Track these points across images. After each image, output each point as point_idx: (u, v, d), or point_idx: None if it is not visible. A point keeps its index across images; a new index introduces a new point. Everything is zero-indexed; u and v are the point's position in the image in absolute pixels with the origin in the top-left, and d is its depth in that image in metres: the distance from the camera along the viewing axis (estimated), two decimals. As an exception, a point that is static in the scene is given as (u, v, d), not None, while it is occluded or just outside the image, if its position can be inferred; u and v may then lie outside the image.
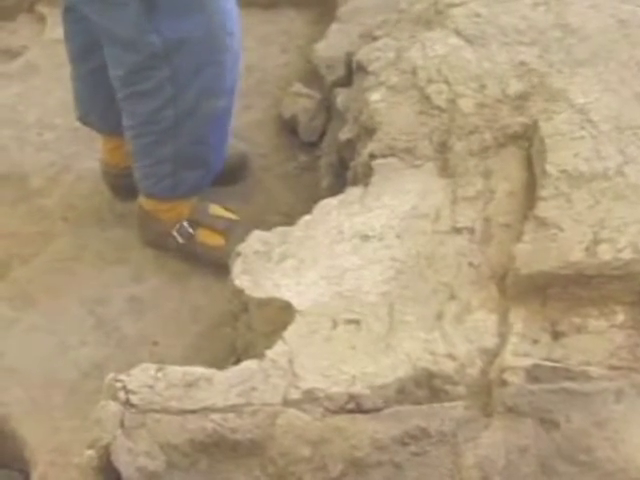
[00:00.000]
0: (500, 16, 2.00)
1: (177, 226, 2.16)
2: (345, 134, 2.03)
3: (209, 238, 2.13)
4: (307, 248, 1.65)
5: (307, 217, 1.72)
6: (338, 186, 1.99)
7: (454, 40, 1.97)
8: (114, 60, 1.98)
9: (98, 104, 2.20)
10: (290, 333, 1.50)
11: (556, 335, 1.44)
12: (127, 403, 1.41)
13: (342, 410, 1.39)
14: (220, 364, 1.59)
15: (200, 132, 2.03)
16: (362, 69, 2.04)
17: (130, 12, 1.86)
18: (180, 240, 2.16)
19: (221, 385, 1.43)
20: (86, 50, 2.12)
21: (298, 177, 2.34)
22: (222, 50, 1.95)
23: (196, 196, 2.17)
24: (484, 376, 1.40)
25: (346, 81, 2.24)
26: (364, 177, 1.81)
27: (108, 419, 1.40)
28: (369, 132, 1.87)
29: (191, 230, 2.16)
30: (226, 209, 2.20)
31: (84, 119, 2.27)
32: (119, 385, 1.43)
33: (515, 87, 1.84)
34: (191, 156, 2.07)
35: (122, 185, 2.28)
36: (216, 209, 2.19)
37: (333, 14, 2.56)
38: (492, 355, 1.43)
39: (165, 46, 1.89)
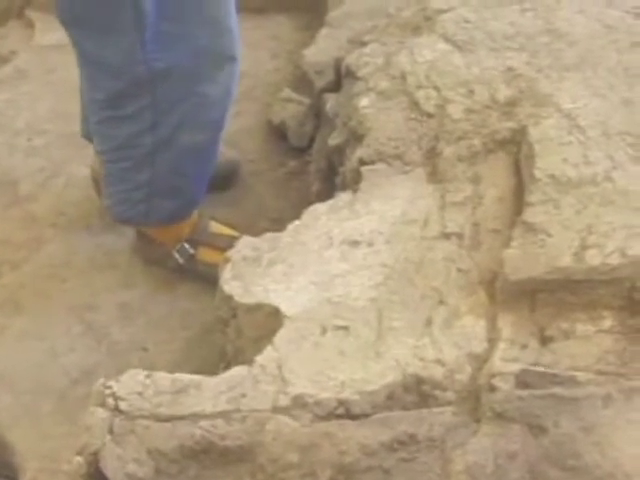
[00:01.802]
0: (488, 22, 2.00)
1: (177, 246, 2.14)
2: (334, 140, 2.03)
3: (210, 256, 2.09)
4: (296, 254, 1.65)
5: (296, 223, 1.72)
6: (327, 192, 1.99)
7: (443, 46, 1.97)
8: (94, 84, 1.95)
9: None
10: (279, 339, 1.50)
11: (544, 340, 1.44)
12: (116, 409, 1.41)
13: (331, 416, 1.39)
14: (210, 370, 1.59)
15: (178, 163, 2.01)
16: (351, 74, 2.05)
17: (124, 41, 1.83)
18: (180, 260, 2.15)
19: (210, 391, 1.43)
20: None
21: (287, 183, 2.35)
22: (207, 82, 1.92)
23: (194, 213, 2.15)
24: (473, 382, 1.41)
25: (335, 86, 2.24)
26: (353, 183, 1.81)
27: (97, 425, 1.39)
28: (358, 138, 1.87)
29: (192, 250, 2.14)
30: (227, 225, 2.19)
31: (89, 136, 2.26)
32: (108, 391, 1.43)
33: (504, 92, 1.84)
34: (167, 185, 2.04)
35: None
36: (217, 226, 2.18)
37: (322, 19, 2.57)
38: (481, 361, 1.43)
39: (151, 75, 1.87)
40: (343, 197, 1.76)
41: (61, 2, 1.85)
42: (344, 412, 1.39)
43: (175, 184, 2.05)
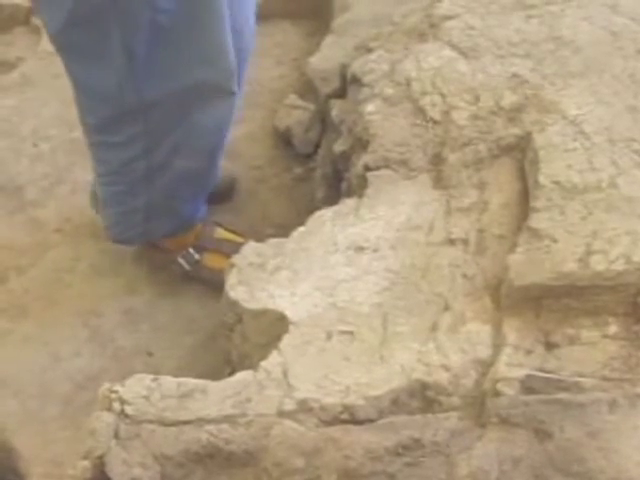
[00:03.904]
0: (494, 29, 2.01)
1: (182, 253, 2.14)
2: (340, 146, 2.04)
3: (215, 262, 2.09)
4: (301, 259, 1.65)
5: (301, 229, 1.72)
6: (333, 197, 1.99)
7: (448, 52, 1.97)
8: (86, 109, 1.92)
9: None
10: (284, 344, 1.50)
11: (550, 346, 1.44)
12: (122, 414, 1.41)
13: (336, 421, 1.39)
14: (215, 375, 1.59)
15: (173, 187, 2.01)
16: (357, 81, 2.05)
17: (113, 69, 1.81)
18: (186, 267, 2.15)
19: (216, 396, 1.43)
20: None
21: (293, 189, 2.35)
22: (200, 113, 1.91)
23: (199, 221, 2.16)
24: (478, 387, 1.41)
25: (341, 93, 2.24)
26: (359, 188, 1.81)
27: (102, 430, 1.40)
28: (363, 144, 1.88)
29: (197, 256, 2.14)
30: (232, 231, 2.19)
31: None
32: (114, 396, 1.43)
33: (509, 99, 1.84)
34: (163, 208, 2.05)
35: None
36: (222, 232, 2.18)
37: (328, 26, 2.57)
38: (486, 366, 1.43)
39: (141, 104, 1.85)
40: (348, 203, 1.77)
41: (51, 28, 1.82)
42: (349, 417, 1.40)
43: (171, 206, 2.06)
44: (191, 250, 2.14)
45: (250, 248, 1.71)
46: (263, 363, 1.47)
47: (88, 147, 2.02)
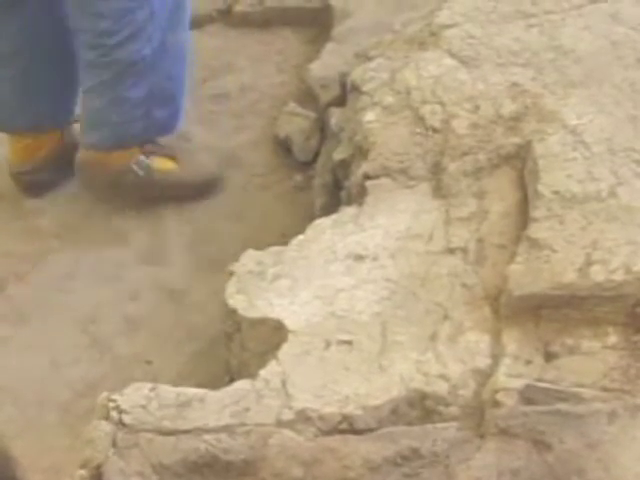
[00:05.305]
0: (494, 37, 2.01)
1: (135, 159, 2.23)
2: (339, 154, 2.04)
3: (163, 164, 2.25)
4: (301, 268, 1.65)
5: (301, 237, 1.73)
6: (332, 206, 1.99)
7: (448, 61, 1.98)
8: (98, 14, 2.05)
9: (12, 103, 2.25)
10: (283, 353, 1.50)
11: (549, 356, 1.44)
12: (120, 423, 1.41)
13: (335, 430, 1.39)
14: (215, 384, 1.59)
15: (170, 67, 2.15)
16: (356, 89, 2.05)
17: None
18: (140, 173, 2.23)
19: (214, 405, 1.43)
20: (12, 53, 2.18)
21: (293, 197, 2.35)
22: None
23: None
24: (477, 397, 1.41)
25: (341, 101, 2.24)
26: (358, 197, 1.81)
27: (100, 439, 1.39)
28: (363, 152, 1.88)
29: (147, 161, 2.24)
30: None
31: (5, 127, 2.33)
32: (112, 405, 1.43)
33: (509, 108, 1.84)
34: (163, 93, 2.17)
35: (34, 182, 2.35)
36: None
37: (328, 34, 2.57)
38: (485, 376, 1.43)
39: None
40: (348, 211, 1.77)
41: None
42: (348, 427, 1.39)
43: (169, 89, 2.18)
44: (141, 157, 2.23)
45: (249, 256, 1.71)
46: (262, 372, 1.47)
47: (99, 59, 2.11)
